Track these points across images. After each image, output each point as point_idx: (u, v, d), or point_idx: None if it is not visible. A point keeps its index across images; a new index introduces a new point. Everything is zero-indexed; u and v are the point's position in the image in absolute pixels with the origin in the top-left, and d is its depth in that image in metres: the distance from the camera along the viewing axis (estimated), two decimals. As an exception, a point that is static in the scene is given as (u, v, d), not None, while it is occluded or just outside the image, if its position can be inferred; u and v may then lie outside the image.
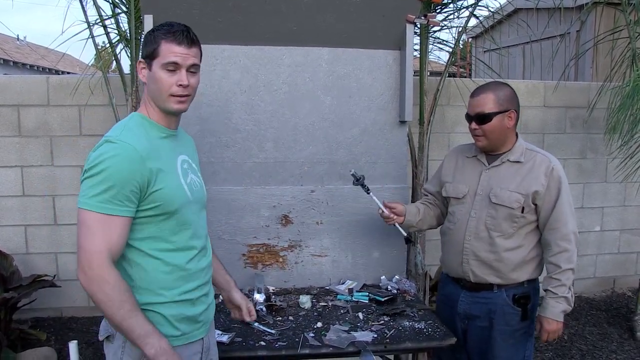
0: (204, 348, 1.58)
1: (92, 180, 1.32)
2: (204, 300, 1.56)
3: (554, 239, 2.00)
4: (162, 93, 1.44)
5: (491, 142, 2.05)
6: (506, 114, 2.01)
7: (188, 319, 1.49)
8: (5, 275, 3.26)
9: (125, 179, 1.33)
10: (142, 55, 1.47)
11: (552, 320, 1.99)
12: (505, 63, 7.14)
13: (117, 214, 1.34)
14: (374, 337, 2.00)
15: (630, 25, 3.50)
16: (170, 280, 1.45)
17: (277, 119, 2.55)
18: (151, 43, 1.44)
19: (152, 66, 1.44)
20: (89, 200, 1.32)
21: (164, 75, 1.43)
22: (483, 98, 2.01)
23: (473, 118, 2.03)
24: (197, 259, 1.52)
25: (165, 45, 1.42)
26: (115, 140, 1.36)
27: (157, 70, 1.43)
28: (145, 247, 1.42)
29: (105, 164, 1.32)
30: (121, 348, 1.43)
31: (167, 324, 1.44)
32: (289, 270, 2.60)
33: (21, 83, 3.60)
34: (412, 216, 2.29)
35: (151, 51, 1.43)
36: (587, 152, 4.35)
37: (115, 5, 3.26)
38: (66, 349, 3.17)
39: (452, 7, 3.50)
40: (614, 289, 4.58)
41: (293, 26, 2.46)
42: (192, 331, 1.51)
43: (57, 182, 3.64)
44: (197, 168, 1.63)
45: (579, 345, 3.61)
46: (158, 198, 1.40)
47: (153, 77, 1.45)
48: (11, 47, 14.28)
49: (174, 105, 1.46)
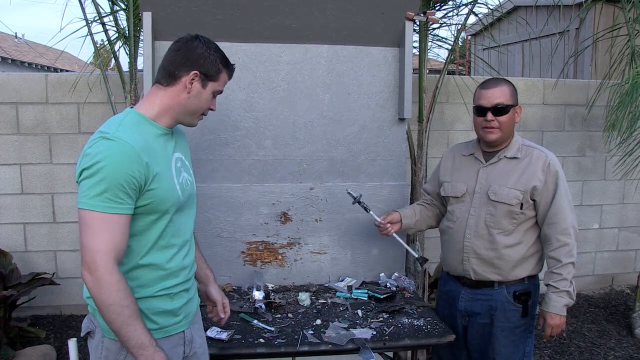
0: (186, 341, 1.57)
1: (91, 180, 1.32)
2: (183, 294, 1.55)
3: (553, 234, 2.00)
4: (198, 111, 1.54)
5: (503, 135, 2.04)
6: (515, 108, 2.03)
7: (166, 313, 1.49)
8: (4, 273, 3.26)
9: (124, 177, 1.32)
10: (201, 70, 1.48)
11: (555, 314, 2.00)
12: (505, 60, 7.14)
13: (119, 212, 1.34)
14: (373, 334, 2.00)
15: (629, 23, 3.50)
16: (149, 279, 1.45)
17: (276, 116, 2.54)
18: (213, 64, 1.50)
19: (207, 86, 1.51)
20: (90, 200, 1.32)
21: (210, 98, 1.54)
22: (501, 90, 2.00)
23: (490, 109, 2.01)
24: (178, 257, 1.52)
25: (224, 75, 1.54)
26: (112, 138, 1.35)
27: (209, 92, 1.52)
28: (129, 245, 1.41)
29: (103, 162, 1.32)
30: (100, 343, 1.44)
31: (144, 318, 1.42)
32: (288, 268, 2.60)
33: (20, 81, 3.59)
34: (409, 219, 2.30)
35: (213, 73, 1.50)
36: (586, 149, 4.35)
37: (114, 3, 3.25)
38: (65, 347, 3.18)
39: (451, 4, 3.50)
40: (613, 287, 4.58)
41: (292, 23, 2.45)
42: (171, 324, 1.51)
43: (56, 180, 3.63)
44: (189, 165, 1.64)
45: (577, 342, 3.62)
46: (151, 196, 1.40)
47: (201, 96, 1.51)
48: (9, 45, 14.25)
49: (197, 122, 1.57)
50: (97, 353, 1.46)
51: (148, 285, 1.45)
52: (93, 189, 1.32)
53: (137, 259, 1.43)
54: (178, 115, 1.50)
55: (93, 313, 1.47)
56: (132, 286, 1.41)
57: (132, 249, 1.42)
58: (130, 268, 1.42)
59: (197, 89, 1.49)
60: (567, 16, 5.45)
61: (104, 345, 1.43)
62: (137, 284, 1.43)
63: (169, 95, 1.49)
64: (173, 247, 1.50)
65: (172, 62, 1.49)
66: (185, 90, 1.48)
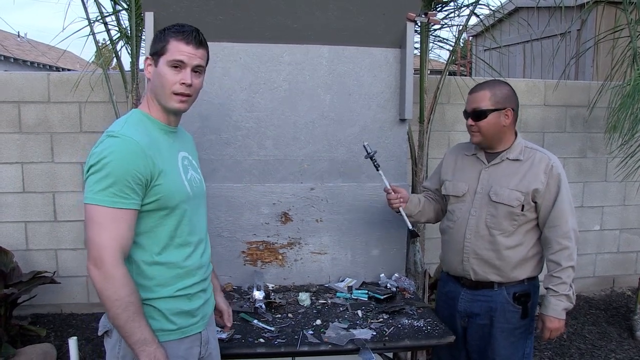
0: (203, 342, 1.58)
1: (97, 175, 1.32)
2: (201, 295, 1.56)
3: (554, 237, 2.00)
4: (165, 90, 1.46)
5: (486, 139, 2.06)
6: (502, 112, 2.01)
7: (184, 313, 1.49)
8: (6, 271, 3.27)
9: (130, 172, 1.33)
10: (150, 52, 1.49)
11: (554, 318, 1.99)
12: (506, 62, 7.14)
13: (125, 207, 1.34)
14: (373, 334, 2.00)
15: (631, 24, 3.49)
16: (167, 277, 1.45)
17: (277, 116, 2.55)
18: (160, 40, 1.47)
19: (158, 63, 1.46)
20: (95, 195, 1.32)
21: (169, 72, 1.45)
22: (480, 95, 2.02)
23: (469, 114, 2.05)
24: (195, 256, 1.52)
25: (173, 43, 1.44)
26: (117, 135, 1.37)
27: (163, 67, 1.45)
28: (142, 242, 1.42)
29: (109, 158, 1.32)
30: (118, 342, 1.43)
31: (163, 318, 1.44)
32: (289, 268, 2.60)
33: (22, 80, 3.60)
34: (413, 206, 2.30)
35: (159, 48, 1.46)
36: (587, 151, 4.34)
37: (116, 2, 3.26)
38: (66, 345, 3.19)
39: (452, 5, 3.50)
40: (614, 288, 4.58)
41: (293, 24, 2.45)
42: (189, 325, 1.51)
43: (58, 179, 3.63)
44: (197, 165, 1.64)
45: (578, 344, 3.61)
46: (159, 191, 1.40)
47: (158, 74, 1.46)
48: (12, 44, 14.28)
49: (175, 103, 1.47)
50: (114, 352, 1.45)
51: (166, 284, 1.45)
52: (99, 184, 1.32)
53: (153, 256, 1.43)
54: (158, 103, 1.49)
55: None
56: (151, 285, 1.42)
57: (144, 246, 1.42)
58: (147, 265, 1.42)
59: (152, 71, 1.48)
60: (569, 17, 5.45)
61: (122, 345, 1.42)
62: (156, 283, 1.44)
63: (147, 88, 1.52)
64: (189, 245, 1.51)
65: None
66: (149, 76, 1.50)
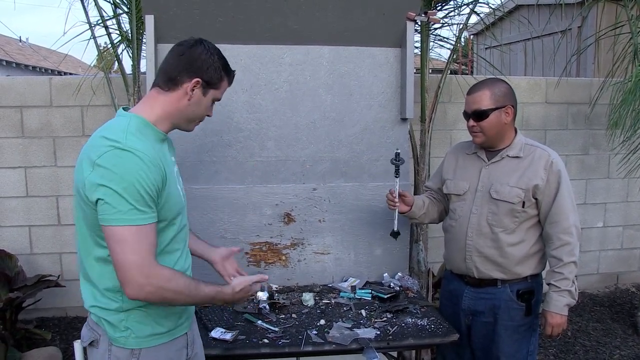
0: (189, 342, 1.58)
1: (116, 195, 1.28)
2: None
3: (555, 233, 2.00)
4: (196, 118, 1.52)
5: (489, 139, 2.06)
6: (503, 109, 2.02)
7: (172, 314, 1.49)
8: (10, 275, 3.28)
9: (146, 187, 1.31)
10: (203, 77, 1.45)
11: (556, 314, 1.99)
12: (507, 60, 7.13)
13: (149, 222, 1.33)
14: (376, 334, 2.00)
15: (632, 21, 3.49)
16: None
17: (279, 117, 2.55)
18: (215, 72, 1.48)
19: (207, 93, 1.49)
20: (123, 216, 1.29)
21: (210, 107, 1.53)
22: (479, 95, 2.02)
23: (470, 115, 2.04)
24: (182, 260, 1.52)
25: (225, 82, 1.52)
26: (126, 148, 1.32)
27: (209, 100, 1.50)
28: None
29: (125, 176, 1.29)
30: (107, 352, 1.42)
31: (152, 322, 1.44)
32: (292, 268, 2.61)
33: (24, 84, 3.61)
34: (418, 209, 2.31)
35: (214, 81, 1.48)
36: (589, 148, 4.34)
37: (117, 6, 3.27)
38: (71, 348, 3.19)
39: (452, 4, 3.50)
40: (618, 285, 4.57)
41: (294, 25, 2.46)
42: (176, 327, 1.51)
43: (61, 183, 3.65)
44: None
45: (582, 341, 3.61)
46: (165, 200, 1.40)
47: (201, 103, 1.49)
48: (13, 49, 14.33)
49: (194, 128, 1.56)
50: None
51: None
52: (121, 204, 1.29)
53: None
54: (176, 120, 1.48)
55: (98, 322, 1.44)
56: None
57: None
58: None
59: (197, 96, 1.46)
60: (569, 15, 5.44)
61: (112, 354, 1.41)
62: None
63: (169, 100, 1.45)
64: (177, 251, 1.51)
65: (174, 66, 1.45)
66: (186, 96, 1.45)
